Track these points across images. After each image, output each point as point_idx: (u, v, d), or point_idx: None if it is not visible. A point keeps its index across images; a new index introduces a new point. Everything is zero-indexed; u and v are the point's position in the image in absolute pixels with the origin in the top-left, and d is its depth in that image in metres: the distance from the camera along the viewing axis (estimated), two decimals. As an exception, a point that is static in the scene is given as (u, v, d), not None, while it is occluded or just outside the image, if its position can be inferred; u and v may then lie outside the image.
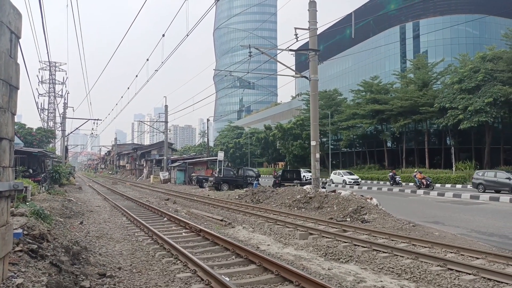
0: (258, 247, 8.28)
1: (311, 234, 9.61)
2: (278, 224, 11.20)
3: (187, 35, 12.72)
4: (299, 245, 8.59)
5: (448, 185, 31.53)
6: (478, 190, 24.16)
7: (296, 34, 16.30)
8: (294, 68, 21.00)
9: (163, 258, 7.07)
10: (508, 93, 31.67)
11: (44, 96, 55.84)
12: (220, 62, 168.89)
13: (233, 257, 7.17)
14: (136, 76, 22.89)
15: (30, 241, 5.13)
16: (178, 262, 6.78)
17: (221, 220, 11.94)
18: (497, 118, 36.75)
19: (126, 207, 15.74)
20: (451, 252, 7.50)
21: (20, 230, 5.19)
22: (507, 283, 5.55)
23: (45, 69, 53.36)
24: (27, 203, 9.05)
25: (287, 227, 10.70)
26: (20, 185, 2.59)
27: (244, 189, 23.56)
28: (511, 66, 32.90)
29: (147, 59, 18.75)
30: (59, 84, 57.68)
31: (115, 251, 7.66)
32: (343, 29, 48.64)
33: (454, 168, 34.79)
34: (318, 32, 17.89)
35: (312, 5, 17.18)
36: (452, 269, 6.28)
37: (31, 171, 22.69)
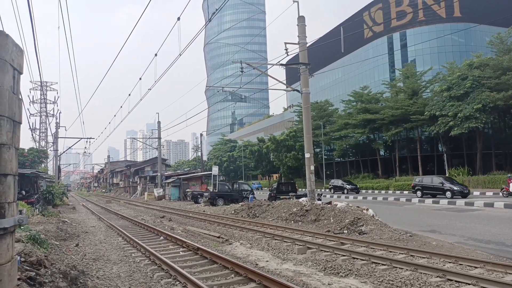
0: (256, 264, 8.24)
1: (309, 248, 9.60)
2: (275, 239, 11.17)
3: (180, 55, 12.84)
4: (298, 260, 8.57)
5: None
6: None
7: (286, 49, 16.55)
8: (285, 81, 21.25)
9: (161, 279, 7.00)
10: (496, 99, 32.23)
11: (36, 116, 55.50)
12: (211, 77, 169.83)
13: (232, 275, 7.13)
14: (129, 95, 22.95)
15: (28, 268, 5.07)
16: (177, 283, 6.72)
17: (218, 237, 11.87)
18: (487, 124, 37.32)
19: (121, 226, 15.58)
20: (450, 262, 7.53)
21: (17, 258, 5.13)
22: (506, 292, 5.59)
23: (36, 89, 53.15)
24: (22, 227, 8.94)
25: (284, 241, 10.68)
26: (25, 219, 2.60)
27: (240, 203, 23.49)
28: (498, 73, 33.55)
29: (140, 78, 18.84)
30: (50, 103, 57.46)
31: (112, 274, 7.57)
32: (332, 41, 49.34)
33: (447, 174, 35.07)
34: (308, 45, 18.15)
35: (301, 20, 17.48)
36: (451, 280, 6.31)
37: (23, 192, 22.39)
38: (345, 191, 37.16)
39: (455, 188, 24.93)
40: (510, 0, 49.10)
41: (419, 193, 26.95)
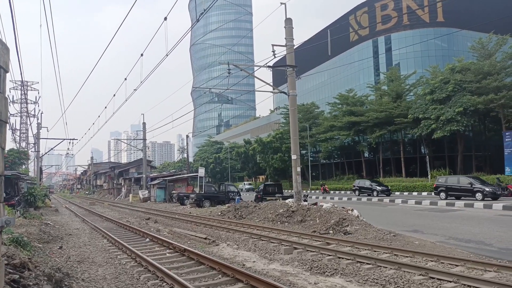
0: (244, 265, 8.27)
1: (295, 248, 9.68)
2: (262, 240, 11.21)
3: (167, 55, 12.79)
4: (285, 260, 8.64)
5: (424, 193, 32.35)
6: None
7: (273, 51, 16.63)
8: (271, 83, 21.36)
9: (148, 281, 6.97)
10: (477, 102, 33.06)
11: (16, 116, 54.22)
12: (197, 78, 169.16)
13: (220, 276, 7.14)
14: (114, 95, 22.69)
15: (11, 271, 4.99)
16: (164, 284, 6.70)
17: (205, 238, 11.84)
18: (468, 127, 38.21)
19: (106, 228, 15.38)
20: (432, 261, 7.71)
21: (3, 260, 5.02)
22: (486, 289, 5.76)
23: (17, 89, 51.94)
24: (4, 230, 8.75)
25: (271, 242, 10.73)
26: (12, 220, 2.57)
27: (226, 205, 23.45)
28: (479, 77, 34.42)
29: (125, 79, 18.65)
30: (31, 103, 56.23)
31: (98, 276, 7.49)
32: (318, 44, 49.93)
33: (429, 176, 35.75)
34: (295, 47, 18.29)
35: (288, 22, 17.60)
36: (433, 278, 6.46)
37: (4, 194, 21.85)
38: (375, 193, 32.20)
39: (487, 189, 22.27)
40: (492, 7, 50.49)
41: (442, 194, 24.37)
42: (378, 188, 32.48)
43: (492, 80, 33.06)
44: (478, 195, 22.19)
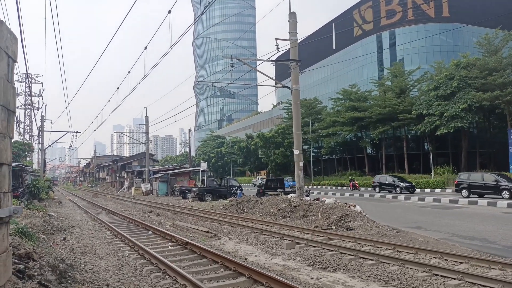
0: (246, 259, 8.28)
1: (297, 243, 9.68)
2: (264, 234, 11.22)
3: (171, 48, 12.75)
4: (287, 255, 8.64)
5: (427, 190, 32.27)
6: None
7: (277, 45, 16.54)
8: (274, 77, 21.28)
9: (151, 273, 6.99)
10: (482, 99, 32.83)
11: (20, 108, 54.48)
12: (200, 72, 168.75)
13: (222, 269, 7.15)
14: (118, 88, 22.68)
15: (16, 261, 5.01)
16: (167, 276, 6.71)
17: (207, 232, 11.87)
18: (472, 124, 38.02)
19: (109, 221, 15.45)
20: (435, 258, 7.68)
21: (11, 249, 5.04)
22: (491, 287, 5.74)
23: (21, 81, 52.07)
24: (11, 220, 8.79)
25: (273, 236, 10.74)
26: (20, 210, 2.58)
27: (228, 199, 23.49)
28: (484, 73, 34.14)
29: (129, 72, 18.62)
30: (35, 96, 56.44)
31: (101, 267, 7.52)
32: (322, 38, 49.63)
33: (432, 173, 35.66)
34: (298, 41, 18.17)
35: (292, 16, 17.49)
36: (437, 275, 6.44)
37: (8, 186, 21.93)
38: (398, 189, 29.45)
39: None
40: (498, 2, 49.95)
41: (465, 192, 22.91)
42: (402, 184, 29.87)
43: (498, 76, 32.80)
44: (505, 193, 20.73)
